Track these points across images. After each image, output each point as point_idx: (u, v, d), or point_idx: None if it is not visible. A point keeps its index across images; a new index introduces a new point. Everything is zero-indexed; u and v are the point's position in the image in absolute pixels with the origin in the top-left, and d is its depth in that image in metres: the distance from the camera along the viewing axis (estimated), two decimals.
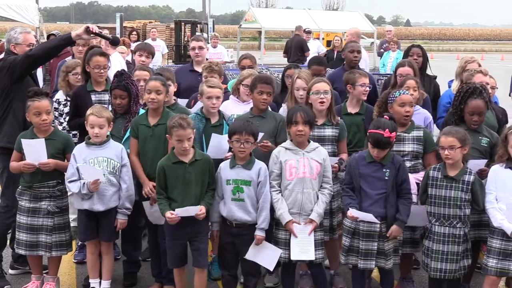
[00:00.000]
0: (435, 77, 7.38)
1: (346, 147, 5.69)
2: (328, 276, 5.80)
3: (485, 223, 5.25)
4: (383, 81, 11.18)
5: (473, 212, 5.15)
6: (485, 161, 5.23)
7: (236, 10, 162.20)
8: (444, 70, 9.79)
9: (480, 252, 5.65)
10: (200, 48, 7.49)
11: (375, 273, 5.65)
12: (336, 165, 5.43)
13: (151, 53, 7.46)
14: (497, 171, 5.00)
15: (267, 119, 5.70)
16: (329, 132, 5.62)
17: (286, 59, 17.85)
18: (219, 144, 5.46)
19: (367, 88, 6.05)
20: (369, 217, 4.99)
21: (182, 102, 6.47)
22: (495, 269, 4.96)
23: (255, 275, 5.33)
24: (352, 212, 4.99)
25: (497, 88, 6.49)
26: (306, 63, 16.15)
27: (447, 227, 5.02)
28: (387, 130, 4.99)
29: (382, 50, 16.44)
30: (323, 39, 27.90)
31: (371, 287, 5.68)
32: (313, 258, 5.15)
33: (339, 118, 5.73)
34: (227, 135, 5.24)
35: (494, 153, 5.22)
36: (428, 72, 7.38)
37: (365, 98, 6.06)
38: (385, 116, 5.22)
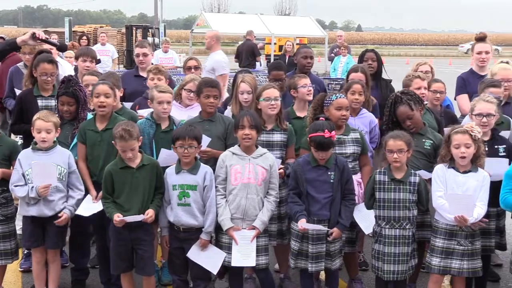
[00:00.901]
0: (390, 81, 7.50)
1: (294, 152, 5.73)
2: (278, 280, 5.86)
3: (428, 223, 5.37)
4: (333, 85, 11.39)
5: (417, 213, 5.24)
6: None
7: (189, 15, 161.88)
8: (394, 74, 9.95)
9: (425, 251, 5.76)
10: (144, 54, 7.46)
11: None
12: (282, 170, 5.47)
13: (94, 58, 7.38)
14: (441, 170, 5.10)
15: (216, 122, 5.73)
16: (277, 137, 5.66)
17: (237, 64, 17.90)
18: (167, 157, 5.46)
19: (310, 88, 6.09)
20: (319, 227, 5.06)
21: (127, 106, 6.43)
22: (438, 267, 5.07)
23: (204, 279, 5.32)
24: (303, 225, 5.02)
25: (445, 92, 6.62)
26: (257, 68, 16.29)
27: (397, 229, 5.09)
28: (326, 130, 5.06)
29: (333, 55, 16.65)
30: (274, 44, 28.02)
31: None
32: (254, 264, 5.18)
33: (287, 123, 5.78)
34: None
35: (438, 154, 5.32)
36: (384, 76, 7.50)
37: (310, 98, 6.09)
38: (320, 118, 5.30)
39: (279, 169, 5.41)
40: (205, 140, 5.40)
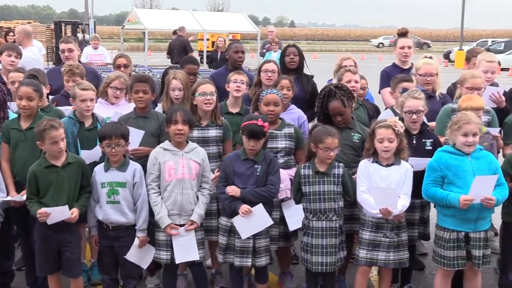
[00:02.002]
0: (312, 76, 7.58)
1: (231, 147, 5.74)
2: (209, 276, 5.87)
3: (356, 216, 5.47)
4: None
5: (346, 206, 5.35)
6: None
7: (121, 10, 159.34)
8: (326, 69, 10.08)
9: (354, 243, 5.88)
10: (70, 50, 7.32)
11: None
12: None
13: (19, 53, 7.18)
14: (365, 164, 5.22)
15: (150, 119, 5.72)
16: (213, 133, 5.68)
17: (169, 60, 17.78)
18: (89, 155, 5.40)
19: (239, 84, 6.11)
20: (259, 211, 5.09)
21: None
22: (365, 259, 5.18)
23: (135, 277, 5.29)
24: (245, 209, 5.04)
25: (368, 88, 6.76)
26: None
27: (324, 221, 5.17)
28: (259, 120, 5.11)
29: (264, 50, 16.72)
30: (207, 39, 27.99)
31: (251, 284, 5.76)
32: (198, 258, 5.19)
33: (223, 118, 5.79)
34: (97, 146, 5.22)
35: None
36: (306, 71, 7.58)
37: (238, 95, 6.12)
38: (255, 113, 5.37)
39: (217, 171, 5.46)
40: (138, 133, 5.34)
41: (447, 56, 45.50)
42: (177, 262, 5.17)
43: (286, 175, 5.46)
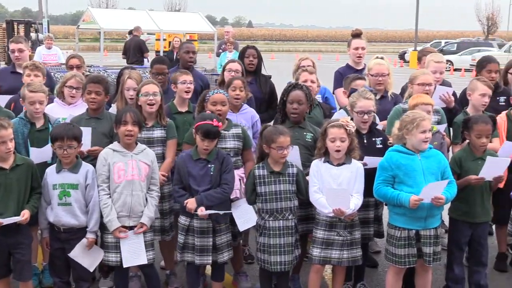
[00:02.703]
0: (269, 77, 7.63)
1: (175, 146, 5.73)
2: (163, 277, 5.85)
3: (312, 216, 5.49)
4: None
5: (302, 206, 5.39)
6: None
7: (76, 10, 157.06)
8: (284, 70, 10.16)
9: (308, 242, 5.92)
10: (20, 50, 7.19)
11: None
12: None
13: None
14: (317, 165, 5.26)
15: (103, 120, 5.68)
16: (158, 133, 5.65)
17: (125, 60, 17.61)
18: (40, 154, 5.31)
19: (189, 86, 6.11)
20: (217, 212, 5.10)
21: (2, 101, 6.20)
22: (319, 257, 5.22)
23: (87, 280, 5.23)
24: (203, 213, 5.04)
25: (319, 86, 6.82)
26: (145, 64, 16.09)
27: (281, 221, 5.20)
28: (214, 120, 5.12)
29: (220, 51, 16.70)
30: (164, 40, 27.83)
31: (206, 284, 5.76)
32: (145, 262, 5.16)
33: (168, 119, 5.77)
34: (48, 145, 5.13)
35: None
36: (263, 72, 7.62)
37: (187, 96, 6.13)
38: (207, 111, 5.38)
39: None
40: (86, 130, 5.29)
41: (402, 56, 46.23)
42: (124, 266, 5.13)
43: (236, 175, 5.46)
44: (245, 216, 5.42)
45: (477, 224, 5.49)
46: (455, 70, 36.76)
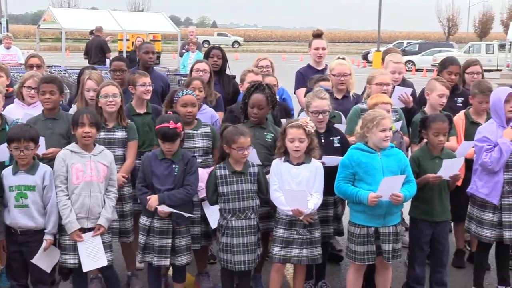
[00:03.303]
0: (234, 77, 7.64)
1: (136, 148, 5.71)
2: (125, 278, 5.83)
3: (272, 215, 5.51)
4: (183, 81, 11.41)
5: (261, 205, 5.41)
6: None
7: (37, 9, 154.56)
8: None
9: (269, 241, 5.94)
10: None
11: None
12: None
13: None
14: (277, 164, 5.29)
15: (59, 120, 5.62)
16: (119, 135, 5.63)
17: (87, 60, 17.42)
18: None
19: (148, 88, 6.10)
20: (180, 213, 5.09)
21: None
22: (279, 256, 5.25)
23: (45, 282, 5.18)
24: (164, 209, 5.03)
25: (278, 86, 6.86)
26: (107, 64, 15.93)
27: (243, 220, 5.21)
28: (171, 122, 5.11)
29: (183, 51, 16.67)
30: (127, 40, 27.60)
31: (168, 285, 5.74)
32: (106, 264, 5.13)
33: (129, 120, 5.74)
34: (4, 145, 5.06)
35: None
36: (227, 71, 7.62)
37: (147, 97, 6.11)
38: (169, 112, 5.36)
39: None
40: (40, 140, 5.21)
41: (365, 57, 46.69)
42: (84, 270, 5.08)
43: (205, 174, 5.46)
44: (216, 214, 5.42)
45: (437, 222, 5.57)
46: (417, 70, 37.23)
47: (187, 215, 5.16)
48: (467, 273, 6.16)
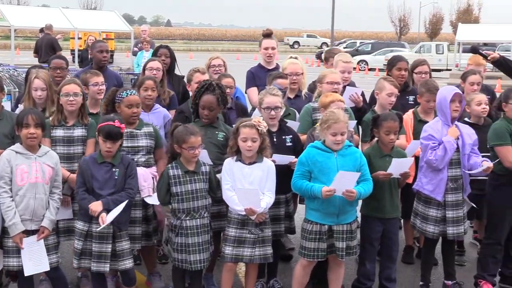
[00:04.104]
0: (182, 77, 7.61)
1: (93, 146, 5.62)
2: (75, 279, 5.78)
3: (224, 214, 5.55)
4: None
5: (213, 204, 5.42)
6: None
7: None
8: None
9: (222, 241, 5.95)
10: None
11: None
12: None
13: None
14: (229, 163, 5.31)
15: (2, 120, 5.53)
16: (78, 132, 5.58)
17: (37, 59, 17.12)
18: None
19: (101, 87, 6.06)
20: (115, 213, 4.99)
21: None
22: (231, 255, 5.26)
23: None
24: (104, 217, 4.96)
25: (235, 87, 6.88)
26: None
27: (197, 219, 5.21)
28: (116, 121, 5.07)
29: (136, 49, 16.52)
30: (79, 38, 27.20)
31: (119, 285, 5.69)
32: (48, 269, 5.06)
33: (90, 118, 5.70)
34: None
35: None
36: (177, 72, 7.59)
37: (100, 97, 6.07)
38: (112, 114, 5.32)
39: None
40: None
41: (319, 56, 47.02)
42: (26, 274, 4.99)
43: (148, 174, 5.46)
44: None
45: (387, 219, 5.66)
46: (369, 69, 37.76)
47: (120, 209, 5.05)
48: (416, 269, 6.28)
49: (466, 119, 6.36)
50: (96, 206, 4.98)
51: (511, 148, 5.64)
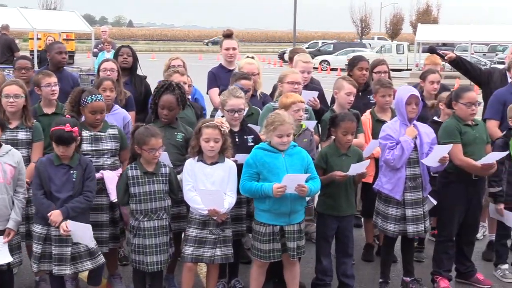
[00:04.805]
0: (145, 77, 7.58)
1: (40, 149, 5.59)
2: (33, 283, 5.74)
3: (184, 215, 5.54)
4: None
5: (173, 205, 5.41)
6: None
7: None
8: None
9: (182, 242, 5.94)
10: None
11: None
12: None
13: None
14: (190, 163, 5.30)
15: None
16: (22, 135, 5.51)
17: None
18: None
19: (54, 88, 5.99)
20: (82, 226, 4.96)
21: None
22: (191, 256, 5.25)
23: None
24: (69, 224, 4.90)
25: (193, 85, 6.88)
26: None
27: (156, 220, 5.18)
28: (67, 125, 5.00)
29: (96, 50, 16.38)
30: (39, 39, 26.80)
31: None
32: (11, 259, 5.02)
33: (34, 120, 5.62)
34: None
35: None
36: (139, 72, 7.56)
37: (54, 97, 6.01)
38: (67, 116, 5.27)
39: None
40: None
41: (281, 56, 47.26)
42: None
43: (115, 177, 5.41)
44: None
45: (343, 217, 5.73)
46: (332, 69, 38.06)
47: (88, 226, 5.01)
48: (376, 266, 6.35)
49: (435, 118, 6.46)
50: (56, 216, 4.90)
51: (461, 146, 5.77)
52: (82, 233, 4.97)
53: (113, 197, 5.41)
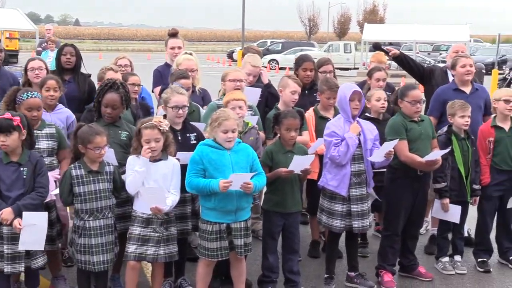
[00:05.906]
0: (89, 75, 7.49)
1: None
2: None
3: (129, 214, 5.47)
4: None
5: (118, 205, 5.39)
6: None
7: None
8: None
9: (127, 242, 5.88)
10: None
11: None
12: None
13: None
14: (133, 160, 5.24)
15: None
16: None
17: None
18: None
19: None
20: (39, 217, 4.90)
21: None
22: (134, 254, 5.21)
23: None
24: (18, 224, 4.83)
25: (141, 85, 6.83)
26: None
27: (101, 220, 5.14)
28: (7, 113, 4.95)
29: (40, 49, 16.07)
30: None
31: None
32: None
33: None
34: None
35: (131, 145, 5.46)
36: (83, 70, 7.46)
37: None
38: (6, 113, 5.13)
39: None
40: None
41: (230, 55, 47.32)
42: None
43: (51, 177, 5.32)
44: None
45: (289, 214, 5.77)
46: (280, 68, 38.26)
47: (44, 213, 4.96)
48: (322, 262, 6.41)
49: (367, 114, 6.58)
50: (7, 214, 4.83)
51: (406, 142, 5.91)
52: (39, 222, 4.90)
53: (48, 199, 5.30)
